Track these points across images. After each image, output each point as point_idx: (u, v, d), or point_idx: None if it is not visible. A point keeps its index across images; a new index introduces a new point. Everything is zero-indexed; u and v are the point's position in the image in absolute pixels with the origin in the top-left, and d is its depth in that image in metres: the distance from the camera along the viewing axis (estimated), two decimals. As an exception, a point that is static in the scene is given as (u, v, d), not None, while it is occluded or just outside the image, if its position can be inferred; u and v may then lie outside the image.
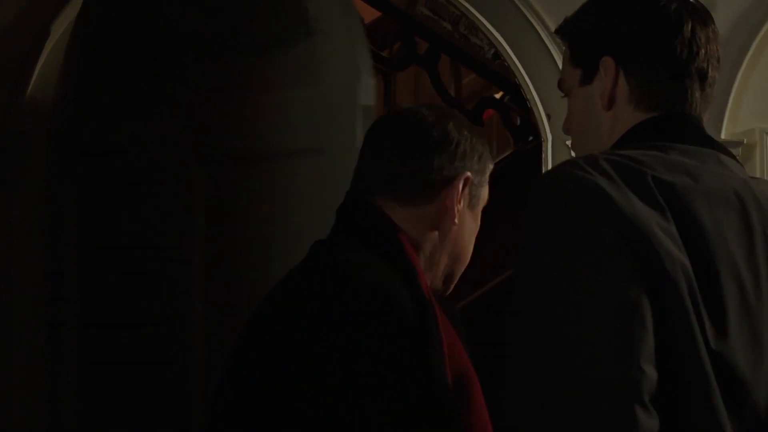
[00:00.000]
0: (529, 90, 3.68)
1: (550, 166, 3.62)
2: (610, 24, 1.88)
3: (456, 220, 2.17)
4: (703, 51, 1.84)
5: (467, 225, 2.22)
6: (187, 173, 3.32)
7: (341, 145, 2.90)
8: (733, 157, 1.84)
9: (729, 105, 3.51)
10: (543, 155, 3.68)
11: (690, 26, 1.83)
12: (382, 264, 2.06)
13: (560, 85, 1.95)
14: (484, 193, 2.24)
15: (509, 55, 3.54)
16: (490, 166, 2.26)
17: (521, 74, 3.66)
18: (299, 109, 2.98)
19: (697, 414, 1.59)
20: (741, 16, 3.52)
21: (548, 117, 3.65)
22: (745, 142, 3.50)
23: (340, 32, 2.93)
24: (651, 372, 1.53)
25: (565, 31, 1.96)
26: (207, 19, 3.02)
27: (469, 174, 2.16)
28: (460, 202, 2.17)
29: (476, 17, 3.61)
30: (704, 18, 1.87)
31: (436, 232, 2.17)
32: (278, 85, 3.03)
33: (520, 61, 3.65)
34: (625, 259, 1.57)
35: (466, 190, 2.18)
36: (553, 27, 3.27)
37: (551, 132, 3.68)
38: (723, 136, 3.49)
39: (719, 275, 1.65)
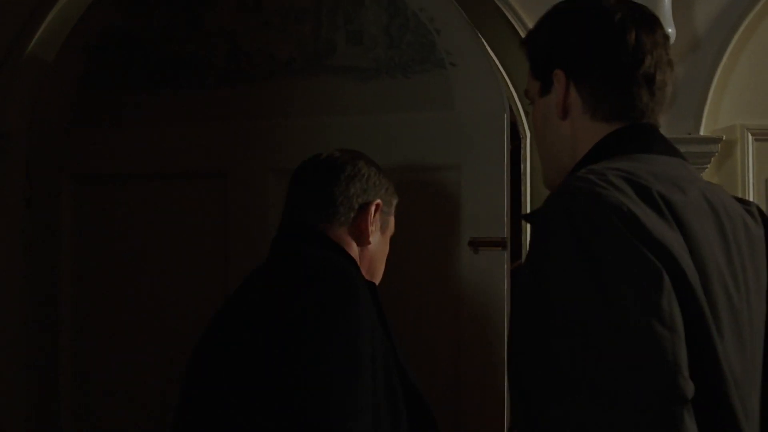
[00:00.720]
0: (508, 87, 3.61)
1: (529, 163, 3.56)
2: (559, 38, 1.96)
3: (370, 240, 2.60)
4: (649, 57, 1.90)
5: (379, 247, 2.65)
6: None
7: (473, 162, 3.26)
8: (685, 159, 1.92)
9: (708, 102, 3.50)
10: (522, 152, 3.61)
11: (634, 34, 1.89)
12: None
13: (526, 94, 2.07)
14: (392, 222, 2.71)
15: (488, 52, 3.46)
16: (395, 201, 2.73)
17: (501, 72, 3.59)
18: (436, 129, 3.33)
19: (720, 416, 1.66)
20: (721, 12, 3.51)
21: (527, 114, 3.60)
22: (724, 138, 3.48)
23: (470, 65, 3.30)
24: (689, 378, 1.58)
25: (524, 45, 2.06)
26: (364, 50, 3.49)
27: (379, 201, 2.62)
28: (372, 225, 2.60)
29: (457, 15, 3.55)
30: (650, 24, 1.94)
31: (356, 250, 2.60)
32: (418, 107, 3.38)
33: (498, 59, 3.59)
34: (657, 273, 1.61)
35: (377, 216, 2.62)
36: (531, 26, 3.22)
37: (530, 129, 3.62)
38: (702, 132, 3.49)
39: (712, 283, 1.71)
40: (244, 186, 3.51)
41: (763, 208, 3.14)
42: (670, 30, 3.29)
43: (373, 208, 2.60)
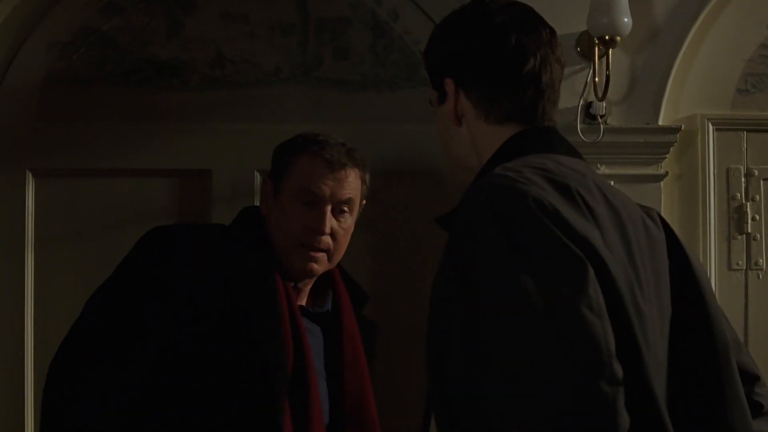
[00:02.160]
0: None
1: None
2: (445, 47, 2.01)
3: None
4: (532, 57, 1.94)
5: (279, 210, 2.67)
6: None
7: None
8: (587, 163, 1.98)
9: (667, 91, 3.54)
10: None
11: (514, 36, 1.93)
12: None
13: (430, 104, 2.08)
14: (291, 183, 2.67)
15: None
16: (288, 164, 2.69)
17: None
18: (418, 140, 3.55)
19: (641, 402, 1.67)
20: (680, 1, 3.58)
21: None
22: (683, 128, 3.55)
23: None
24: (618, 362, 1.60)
25: (423, 58, 2.11)
26: (351, 64, 3.73)
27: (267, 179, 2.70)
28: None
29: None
30: (533, 25, 1.97)
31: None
32: (401, 119, 3.61)
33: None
34: (582, 263, 1.64)
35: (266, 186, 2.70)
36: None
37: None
38: (661, 122, 3.54)
39: (619, 278, 1.72)
40: (228, 184, 3.65)
41: (725, 197, 3.59)
42: (625, 19, 3.33)
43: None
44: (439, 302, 1.76)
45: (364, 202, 2.74)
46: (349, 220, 2.68)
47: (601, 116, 3.51)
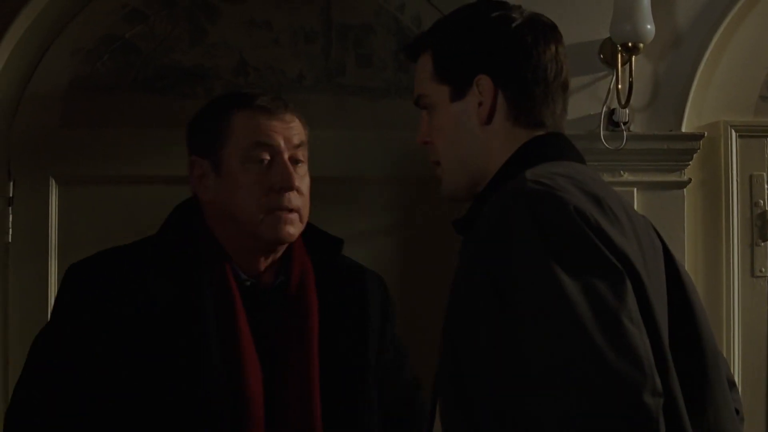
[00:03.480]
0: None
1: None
2: (483, 44, 1.95)
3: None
4: (564, 66, 1.97)
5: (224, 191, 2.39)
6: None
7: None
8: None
9: (690, 98, 3.53)
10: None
11: (554, 47, 1.96)
12: None
13: (419, 101, 2.03)
14: (229, 156, 2.37)
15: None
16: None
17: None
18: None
19: (670, 415, 1.67)
20: (704, 8, 3.57)
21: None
22: (707, 135, 3.54)
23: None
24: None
25: (425, 49, 2.03)
26: (374, 71, 3.75)
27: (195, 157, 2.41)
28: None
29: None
30: (558, 35, 2.00)
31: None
32: None
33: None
34: (621, 276, 1.64)
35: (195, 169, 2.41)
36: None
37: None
38: (684, 129, 3.54)
39: (651, 290, 1.75)
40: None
41: (748, 204, 3.59)
42: (648, 26, 3.33)
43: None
44: (461, 307, 1.74)
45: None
46: (306, 173, 2.41)
47: (624, 123, 3.51)
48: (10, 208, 3.68)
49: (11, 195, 3.68)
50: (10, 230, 3.68)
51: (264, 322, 2.34)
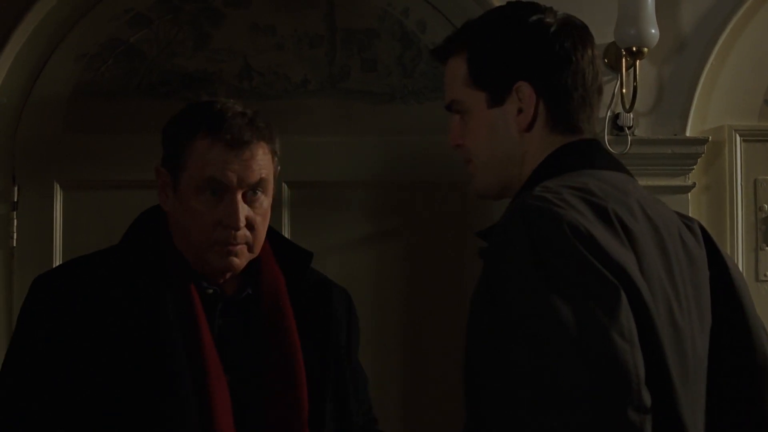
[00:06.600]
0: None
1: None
2: (520, 50, 1.92)
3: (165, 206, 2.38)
4: (599, 69, 1.96)
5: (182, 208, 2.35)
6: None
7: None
8: (630, 174, 1.97)
9: (695, 102, 3.54)
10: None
11: (590, 51, 1.94)
12: None
13: (452, 105, 2.01)
14: (191, 175, 2.31)
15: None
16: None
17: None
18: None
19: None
20: (708, 12, 3.58)
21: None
22: (711, 139, 3.55)
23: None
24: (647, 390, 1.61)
25: (451, 53, 2.00)
26: (378, 76, 3.78)
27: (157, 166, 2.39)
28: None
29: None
30: (591, 38, 1.98)
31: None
32: (429, 131, 3.66)
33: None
34: (615, 290, 1.63)
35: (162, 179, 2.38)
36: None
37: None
38: (688, 133, 3.54)
39: (657, 300, 1.74)
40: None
41: (752, 208, 3.60)
42: (653, 31, 3.34)
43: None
44: (472, 322, 1.74)
45: (279, 168, 2.41)
46: (265, 203, 2.34)
47: (629, 127, 3.52)
48: (15, 213, 3.69)
49: (16, 200, 3.69)
50: (15, 235, 3.69)
51: (227, 329, 2.35)
